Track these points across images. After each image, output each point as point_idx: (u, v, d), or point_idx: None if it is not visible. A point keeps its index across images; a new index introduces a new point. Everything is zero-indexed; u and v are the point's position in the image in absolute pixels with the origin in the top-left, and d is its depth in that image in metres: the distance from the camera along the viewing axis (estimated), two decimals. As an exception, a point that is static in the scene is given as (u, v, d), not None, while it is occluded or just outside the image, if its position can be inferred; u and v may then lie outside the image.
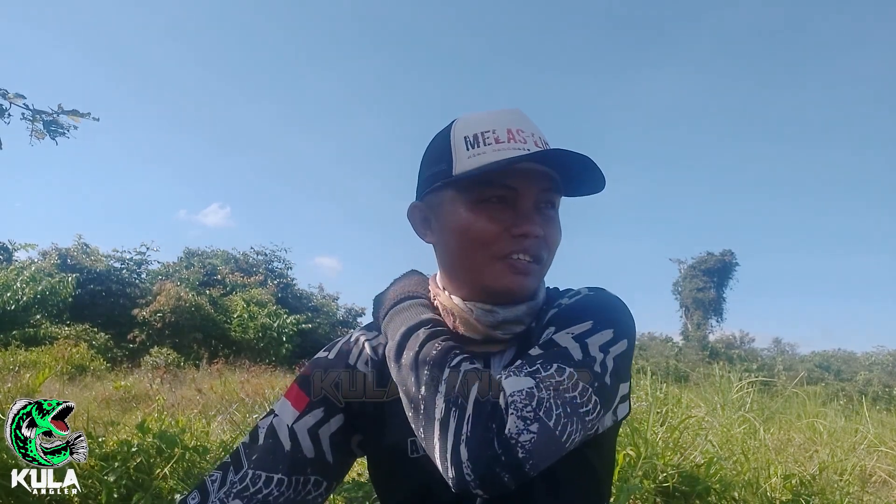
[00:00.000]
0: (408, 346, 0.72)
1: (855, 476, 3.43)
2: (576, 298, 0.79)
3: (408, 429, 0.75)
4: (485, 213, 0.75)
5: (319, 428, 0.81)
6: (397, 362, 0.72)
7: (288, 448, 0.79)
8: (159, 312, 17.05)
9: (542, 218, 0.76)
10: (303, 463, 0.79)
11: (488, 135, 0.75)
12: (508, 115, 0.78)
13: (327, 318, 21.85)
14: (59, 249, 18.54)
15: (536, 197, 0.76)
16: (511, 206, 0.75)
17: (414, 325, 0.75)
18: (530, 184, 0.75)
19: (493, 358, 0.80)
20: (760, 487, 3.00)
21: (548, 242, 0.78)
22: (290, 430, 0.80)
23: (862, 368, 24.81)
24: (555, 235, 0.79)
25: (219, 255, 23.25)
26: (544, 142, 0.78)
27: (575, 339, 0.69)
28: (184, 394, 7.68)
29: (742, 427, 4.00)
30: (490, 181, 0.74)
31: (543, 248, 0.77)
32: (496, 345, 0.80)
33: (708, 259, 32.11)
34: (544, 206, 0.77)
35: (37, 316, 14.86)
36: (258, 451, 0.80)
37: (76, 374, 10.87)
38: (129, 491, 2.47)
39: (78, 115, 3.14)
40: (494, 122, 0.76)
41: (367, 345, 0.86)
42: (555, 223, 0.79)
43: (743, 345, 30.07)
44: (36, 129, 3.10)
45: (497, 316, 0.77)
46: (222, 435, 4.08)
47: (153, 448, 2.68)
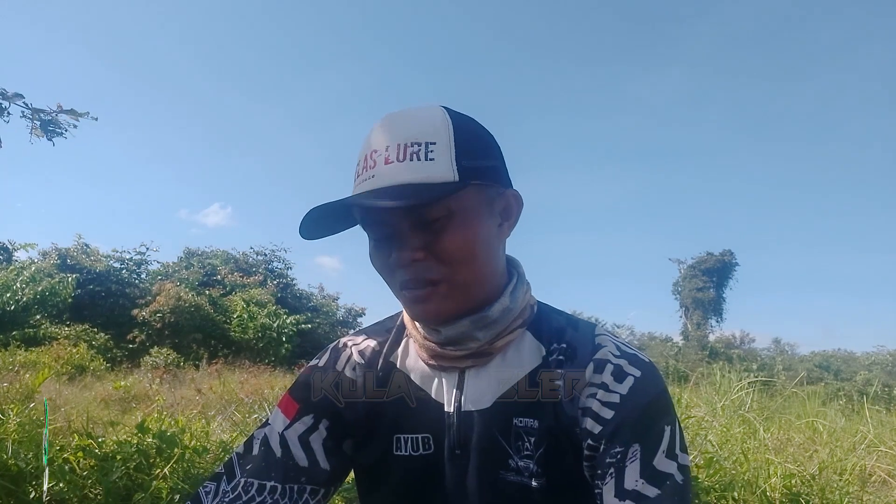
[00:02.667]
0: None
1: (854, 476, 3.43)
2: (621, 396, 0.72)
3: (393, 427, 0.78)
4: (377, 247, 0.75)
5: (310, 435, 0.81)
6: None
7: (279, 455, 0.79)
8: (159, 312, 17.05)
9: (424, 234, 0.71)
10: (295, 471, 0.79)
11: (359, 165, 0.73)
12: (374, 132, 0.73)
13: (327, 318, 21.84)
14: (58, 249, 18.54)
15: (409, 221, 0.71)
16: (392, 236, 0.72)
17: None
18: (393, 215, 0.71)
19: (467, 372, 0.78)
20: (760, 487, 3.01)
21: (439, 257, 0.71)
22: (280, 437, 0.80)
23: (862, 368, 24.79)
24: (448, 244, 0.71)
25: (218, 255, 23.25)
26: (405, 146, 0.69)
27: (668, 457, 0.70)
28: (183, 394, 7.67)
29: (742, 427, 4.00)
30: (364, 223, 0.75)
31: (432, 267, 0.71)
32: (461, 360, 0.77)
33: (708, 259, 32.09)
34: (426, 219, 0.70)
35: (36, 316, 14.85)
36: (251, 461, 0.79)
37: (76, 374, 10.86)
38: (128, 491, 2.47)
39: (76, 114, 3.14)
40: (365, 146, 0.73)
41: (354, 349, 0.86)
42: (448, 228, 0.71)
43: (743, 345, 30.09)
44: (35, 127, 3.11)
45: (440, 335, 0.76)
46: (222, 435, 4.08)
47: (153, 448, 2.68)
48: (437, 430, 0.77)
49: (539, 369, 0.76)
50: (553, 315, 0.83)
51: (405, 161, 0.69)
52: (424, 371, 0.80)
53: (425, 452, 0.77)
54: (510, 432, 0.74)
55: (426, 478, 0.77)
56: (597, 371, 0.73)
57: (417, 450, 0.77)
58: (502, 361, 0.77)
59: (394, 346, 0.85)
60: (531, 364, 0.77)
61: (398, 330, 0.86)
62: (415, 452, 0.77)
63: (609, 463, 0.70)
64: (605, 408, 0.71)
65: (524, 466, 0.73)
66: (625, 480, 0.69)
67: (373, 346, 0.86)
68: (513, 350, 0.78)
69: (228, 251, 23.49)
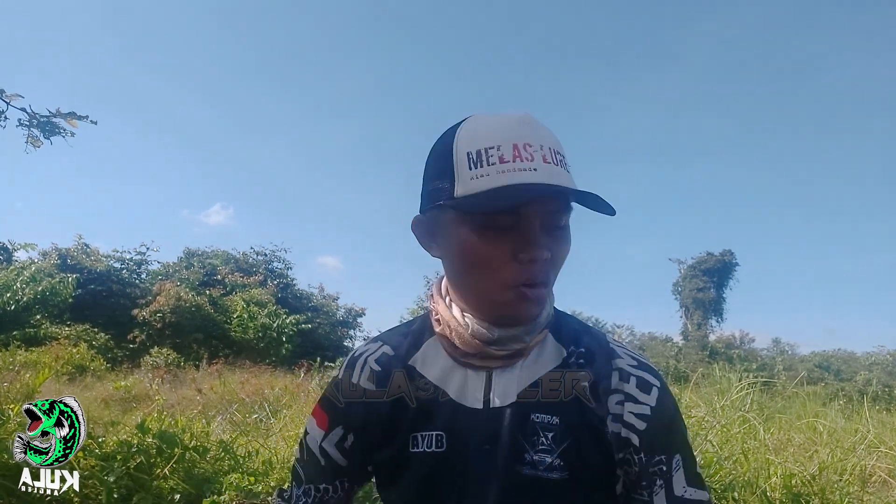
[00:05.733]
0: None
1: (855, 476, 3.43)
2: (651, 408, 0.79)
3: (410, 427, 0.83)
4: (490, 238, 0.73)
5: (343, 443, 0.89)
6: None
7: (324, 462, 0.90)
8: (159, 312, 17.06)
9: (549, 238, 0.74)
10: (338, 471, 0.91)
11: (492, 152, 0.71)
12: (516, 126, 0.73)
13: (327, 318, 21.84)
14: (59, 249, 18.56)
15: (543, 219, 0.74)
16: (517, 229, 0.73)
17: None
18: (537, 208, 0.73)
19: (494, 372, 0.81)
20: (760, 487, 3.01)
21: (555, 261, 0.77)
22: (320, 448, 0.90)
23: (862, 368, 24.76)
24: (562, 251, 0.78)
25: (219, 255, 23.26)
26: (554, 152, 0.73)
27: (694, 484, 0.78)
28: (184, 394, 7.69)
29: (742, 427, 4.00)
30: (494, 205, 0.72)
31: (551, 269, 0.77)
32: (495, 360, 0.80)
33: (708, 259, 32.05)
34: (552, 225, 0.75)
35: (37, 316, 14.86)
36: (307, 466, 0.92)
37: (76, 374, 10.88)
38: (129, 491, 2.47)
39: (75, 117, 3.14)
40: (500, 134, 0.72)
41: (370, 359, 0.90)
42: (562, 240, 0.77)
43: (743, 345, 30.03)
44: (32, 136, 3.10)
45: (493, 334, 0.78)
46: (222, 435, 4.08)
47: (153, 448, 2.68)
48: (451, 429, 0.80)
49: (559, 369, 0.81)
50: (568, 319, 0.88)
51: (558, 167, 0.73)
52: (444, 371, 0.83)
53: (438, 450, 0.80)
54: (527, 428, 0.78)
55: (440, 474, 0.81)
56: (622, 380, 0.80)
57: (431, 447, 0.81)
58: (526, 361, 0.82)
59: (412, 350, 0.87)
60: (552, 364, 0.82)
61: (417, 333, 0.89)
62: (428, 449, 0.81)
63: (654, 472, 0.77)
64: (638, 419, 0.77)
65: (539, 460, 0.76)
66: (674, 488, 0.77)
67: (388, 353, 0.89)
68: (536, 351, 0.83)
69: (229, 251, 23.54)
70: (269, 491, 2.69)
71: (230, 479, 2.68)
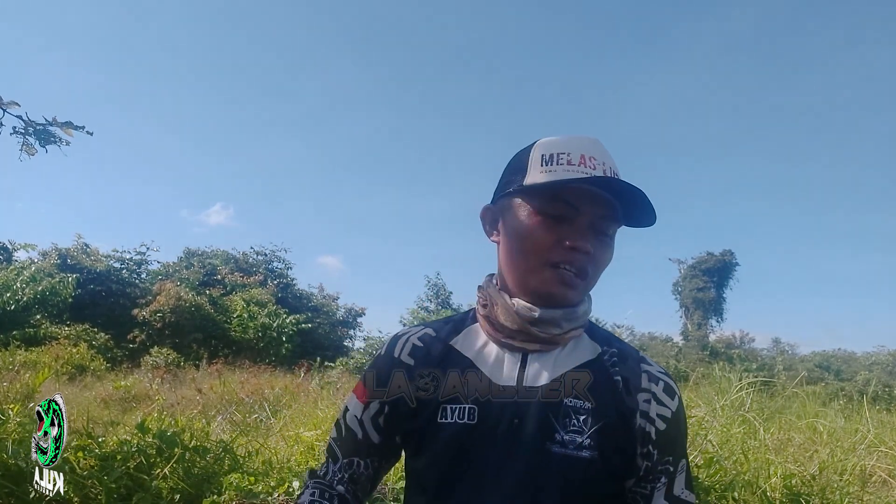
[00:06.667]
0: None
1: (855, 476, 3.43)
2: (672, 412, 0.89)
3: (440, 398, 0.89)
4: (545, 223, 0.85)
5: (379, 417, 0.95)
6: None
7: (360, 436, 0.96)
8: (159, 312, 17.06)
9: (595, 238, 0.86)
10: (374, 447, 0.96)
11: (563, 156, 0.84)
12: (586, 143, 0.87)
13: (327, 317, 21.83)
14: (58, 249, 18.55)
15: (594, 218, 0.85)
16: (570, 222, 0.85)
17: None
18: (591, 205, 0.84)
19: (529, 355, 0.89)
20: (760, 487, 3.01)
21: (596, 260, 0.87)
22: (359, 421, 0.96)
23: (862, 368, 24.76)
24: (604, 256, 0.88)
25: (218, 255, 23.25)
26: (614, 172, 0.86)
27: (689, 488, 0.89)
28: (184, 394, 7.68)
29: (742, 427, 4.00)
30: (555, 196, 0.84)
31: (590, 264, 0.86)
32: (533, 343, 0.89)
33: (708, 259, 32.04)
34: (600, 228, 0.86)
35: (37, 316, 14.87)
36: (344, 442, 0.98)
37: (76, 374, 10.88)
38: (128, 491, 2.47)
39: (71, 127, 3.13)
40: (571, 146, 0.86)
41: (413, 337, 0.98)
42: (606, 246, 0.88)
43: (743, 345, 30.01)
44: (27, 144, 3.09)
45: (535, 313, 0.87)
46: (222, 435, 4.08)
47: (153, 448, 2.68)
48: (483, 403, 0.87)
49: (593, 363, 0.90)
50: (600, 328, 0.99)
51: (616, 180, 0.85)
52: (483, 351, 0.92)
53: (469, 422, 0.86)
54: (559, 409, 0.84)
55: (469, 445, 0.86)
56: (651, 381, 0.89)
57: (462, 418, 0.87)
58: (562, 351, 0.90)
59: (453, 333, 0.96)
60: (587, 357, 0.91)
61: (459, 321, 0.99)
62: (460, 420, 0.87)
63: (660, 471, 0.87)
64: (660, 419, 0.87)
65: (569, 440, 0.83)
66: (674, 487, 0.87)
67: (430, 333, 0.98)
68: (572, 344, 0.92)
69: (228, 251, 23.52)
70: (268, 491, 2.68)
71: (230, 479, 2.68)
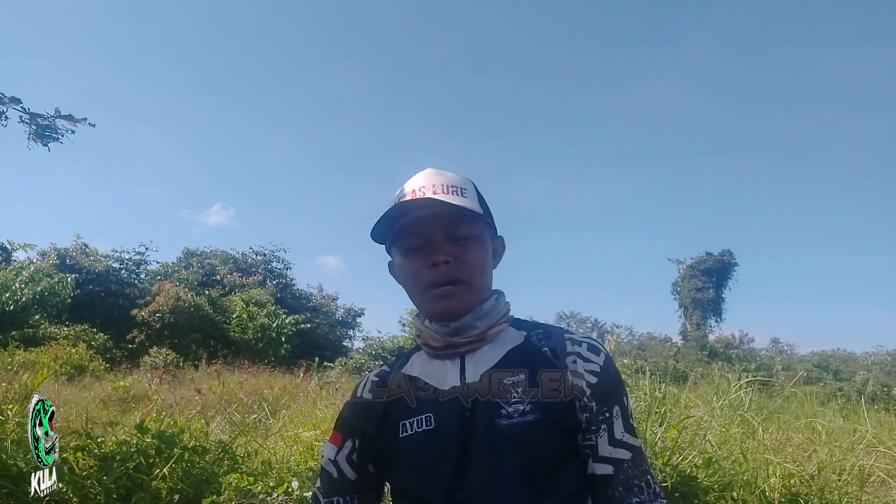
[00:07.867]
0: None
1: (853, 476, 3.44)
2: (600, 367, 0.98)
3: (397, 417, 0.99)
4: (410, 257, 1.00)
5: (353, 454, 1.05)
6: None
7: (336, 475, 1.06)
8: (158, 313, 17.04)
9: (451, 245, 0.97)
10: (350, 485, 1.06)
11: (402, 199, 0.98)
12: (418, 178, 1.00)
13: (326, 318, 21.83)
14: (57, 250, 18.52)
15: (444, 232, 0.98)
16: (425, 246, 0.98)
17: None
18: (428, 224, 0.97)
19: (466, 357, 1.00)
20: (759, 487, 3.01)
21: (463, 262, 0.98)
22: (333, 462, 1.06)
23: (861, 368, 24.78)
24: (469, 254, 0.98)
25: (217, 255, 23.23)
26: (448, 186, 0.98)
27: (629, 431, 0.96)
28: (183, 394, 7.66)
29: (740, 427, 4.01)
30: (404, 233, 0.99)
31: (459, 268, 0.97)
32: (463, 347, 0.99)
33: (707, 259, 32.05)
34: (451, 235, 0.98)
35: (36, 316, 14.84)
36: (325, 483, 1.08)
37: (75, 374, 10.85)
38: (128, 491, 2.47)
39: (74, 119, 3.14)
40: (407, 187, 1.00)
41: (371, 375, 1.10)
42: (468, 246, 0.99)
43: (742, 345, 30.06)
44: (33, 133, 3.10)
45: (448, 328, 0.99)
46: (221, 435, 4.08)
47: (152, 448, 2.68)
48: (436, 409, 0.96)
49: (522, 345, 1.01)
50: (525, 320, 1.09)
51: (448, 194, 0.97)
52: (427, 368, 1.02)
53: (428, 427, 0.96)
54: (500, 389, 0.94)
55: (432, 446, 0.95)
56: (575, 345, 1.00)
57: (422, 427, 0.96)
58: (492, 345, 1.01)
59: (403, 363, 1.08)
60: (516, 342, 1.02)
61: (408, 354, 1.11)
62: (419, 429, 0.96)
63: (600, 420, 0.94)
64: (589, 374, 0.96)
65: (514, 410, 0.92)
66: (614, 433, 0.95)
67: (385, 369, 1.10)
68: (501, 337, 1.02)
69: (228, 251, 23.50)
70: (267, 491, 2.69)
71: (229, 479, 2.68)
